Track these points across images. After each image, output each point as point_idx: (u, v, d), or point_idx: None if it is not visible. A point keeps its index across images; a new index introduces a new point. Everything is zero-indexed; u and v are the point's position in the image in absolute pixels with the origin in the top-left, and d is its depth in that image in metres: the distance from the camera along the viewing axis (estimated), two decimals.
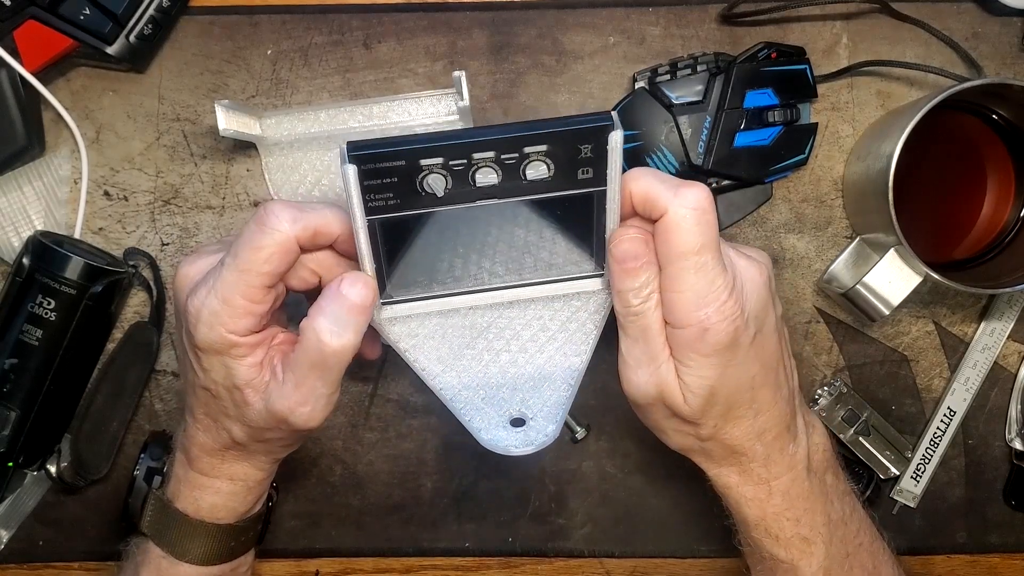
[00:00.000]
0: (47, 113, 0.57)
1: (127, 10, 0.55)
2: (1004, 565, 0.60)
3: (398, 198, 0.38)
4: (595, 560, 0.59)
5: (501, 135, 0.37)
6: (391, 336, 0.45)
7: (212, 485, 0.47)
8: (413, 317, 0.45)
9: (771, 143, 0.55)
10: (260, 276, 0.40)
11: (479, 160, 0.38)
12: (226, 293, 0.40)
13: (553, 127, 0.37)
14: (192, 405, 0.46)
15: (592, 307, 0.46)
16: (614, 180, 0.39)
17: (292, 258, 0.41)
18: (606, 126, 0.37)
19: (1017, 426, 0.59)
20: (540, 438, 0.42)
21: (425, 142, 0.37)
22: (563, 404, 0.44)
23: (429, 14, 0.58)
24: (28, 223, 0.57)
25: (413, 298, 0.44)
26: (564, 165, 0.38)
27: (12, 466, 0.54)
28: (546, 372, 0.45)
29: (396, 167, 0.37)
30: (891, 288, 0.52)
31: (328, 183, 0.57)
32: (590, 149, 0.38)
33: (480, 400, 0.44)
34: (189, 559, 0.47)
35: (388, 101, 0.57)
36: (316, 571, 0.59)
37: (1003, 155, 0.56)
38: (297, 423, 0.41)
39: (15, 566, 0.58)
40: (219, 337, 0.41)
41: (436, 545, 0.59)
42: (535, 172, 0.38)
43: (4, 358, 0.53)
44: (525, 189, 0.39)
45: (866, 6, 0.58)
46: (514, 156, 0.38)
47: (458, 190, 0.38)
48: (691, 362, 0.41)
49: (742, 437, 0.44)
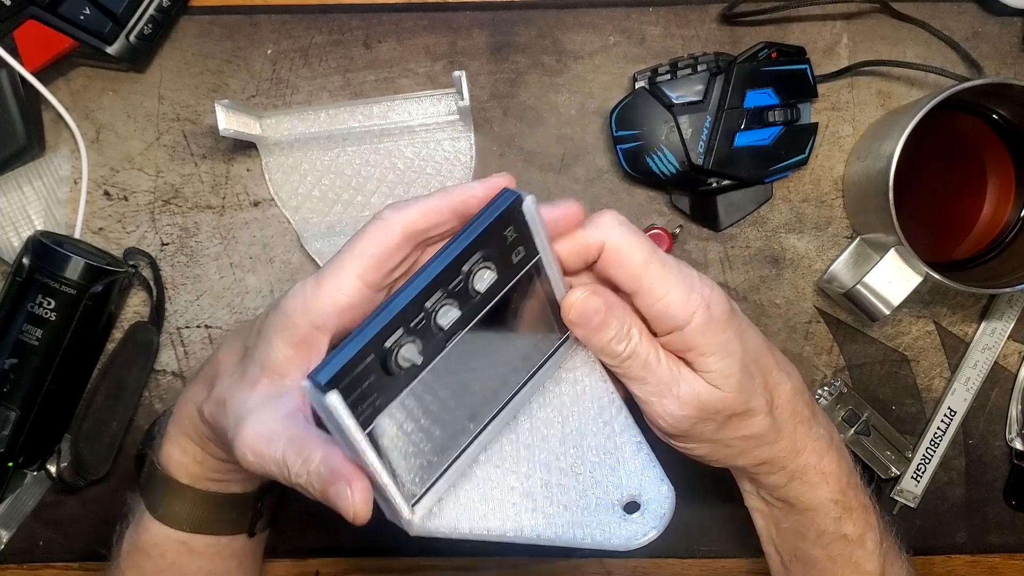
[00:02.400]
0: (47, 113, 0.57)
1: (127, 10, 0.55)
2: (1004, 565, 0.60)
3: (379, 392, 0.35)
4: (595, 560, 0.59)
5: (439, 268, 0.35)
6: (442, 531, 0.40)
7: (173, 434, 0.46)
8: (446, 498, 0.41)
9: (771, 143, 0.55)
10: (362, 259, 0.39)
11: (432, 304, 0.35)
12: (327, 271, 0.39)
13: (475, 232, 0.36)
14: (220, 347, 0.45)
15: (582, 360, 0.44)
16: (543, 244, 0.39)
17: (396, 248, 0.39)
18: (516, 200, 0.36)
19: (1017, 426, 0.59)
20: (664, 503, 0.41)
21: (379, 322, 0.34)
22: (647, 454, 0.42)
23: (429, 14, 0.58)
24: (28, 223, 0.57)
25: (434, 480, 0.40)
26: (501, 259, 0.37)
27: (12, 466, 0.54)
28: (602, 442, 0.42)
29: (368, 364, 0.33)
30: (891, 288, 0.52)
31: (328, 183, 0.57)
32: (513, 229, 0.37)
33: (579, 514, 0.41)
34: (158, 515, 0.46)
35: (388, 101, 0.57)
36: (316, 571, 0.59)
37: (1003, 155, 0.56)
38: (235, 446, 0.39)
39: (15, 566, 0.58)
40: (298, 309, 0.39)
41: (436, 545, 0.59)
42: (482, 282, 0.37)
43: (4, 358, 0.53)
44: (482, 302, 0.37)
45: (866, 6, 0.58)
46: (459, 279, 0.36)
47: (430, 345, 0.36)
48: (711, 348, 0.41)
49: (792, 401, 0.44)
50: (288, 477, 0.38)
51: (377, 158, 0.57)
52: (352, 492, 0.36)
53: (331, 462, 0.36)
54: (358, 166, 0.57)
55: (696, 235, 0.59)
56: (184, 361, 0.58)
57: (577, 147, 0.58)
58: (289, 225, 0.58)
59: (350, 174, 0.57)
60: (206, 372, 0.45)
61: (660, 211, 0.59)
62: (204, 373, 0.46)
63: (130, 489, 0.50)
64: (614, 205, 0.58)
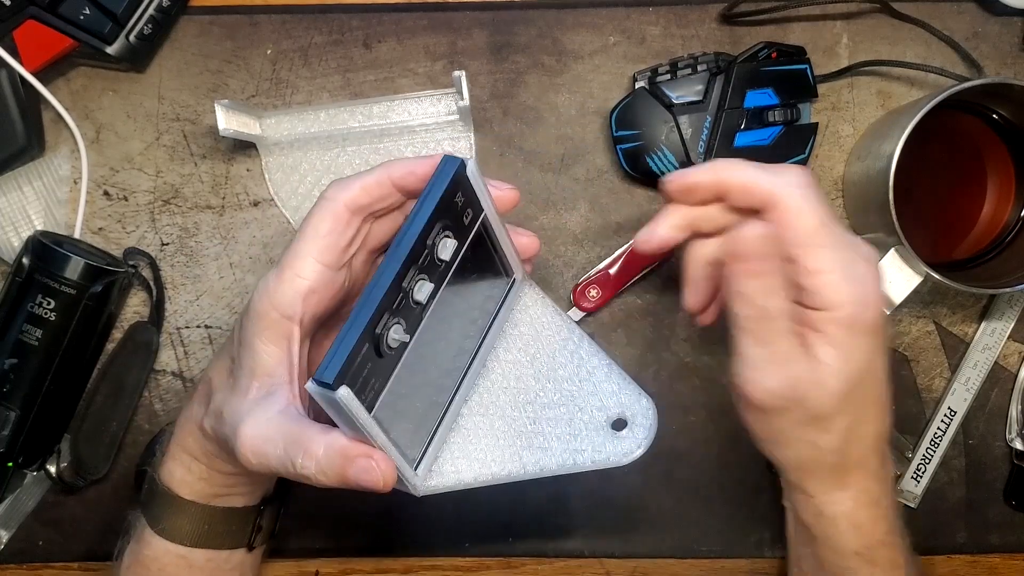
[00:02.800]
0: (47, 113, 0.57)
1: (127, 10, 0.55)
2: (1004, 565, 0.60)
3: (376, 376, 0.37)
4: (595, 560, 0.59)
5: (408, 247, 0.37)
6: (447, 485, 0.43)
7: (176, 453, 0.46)
8: (442, 455, 0.44)
9: (771, 143, 0.55)
10: (314, 242, 0.40)
11: (408, 283, 0.37)
12: (283, 262, 0.40)
13: (431, 204, 0.37)
14: (210, 365, 0.46)
15: (532, 300, 0.46)
16: (487, 201, 0.41)
17: (344, 226, 0.40)
18: (461, 166, 0.38)
19: (1018, 426, 0.59)
20: (648, 414, 0.43)
21: (367, 311, 0.35)
22: (620, 374, 0.44)
23: (429, 14, 0.58)
24: (28, 223, 0.57)
25: (428, 442, 0.43)
26: (455, 224, 0.39)
27: (12, 466, 0.54)
28: (574, 372, 0.44)
29: (365, 353, 0.35)
30: (891, 288, 0.52)
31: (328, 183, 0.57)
32: (461, 194, 0.39)
33: (572, 442, 0.43)
34: (159, 530, 0.46)
35: (388, 101, 0.57)
36: (316, 571, 0.59)
37: (1003, 155, 0.56)
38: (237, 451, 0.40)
39: (15, 566, 0.58)
40: (265, 305, 0.40)
41: (436, 545, 0.59)
42: (446, 250, 0.39)
43: (4, 358, 0.53)
44: (446, 269, 0.39)
45: (866, 6, 0.58)
46: (426, 253, 0.38)
47: (410, 321, 0.38)
48: (839, 346, 0.39)
49: (871, 443, 0.42)
50: (292, 470, 0.38)
51: (377, 158, 0.57)
52: (376, 463, 0.38)
53: (337, 447, 0.38)
54: (358, 166, 0.57)
55: None
56: (184, 361, 0.58)
57: (577, 147, 0.58)
58: (289, 225, 0.58)
59: (350, 174, 0.57)
60: (200, 391, 0.46)
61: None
62: (199, 392, 0.46)
63: (130, 504, 0.50)
64: (614, 205, 0.58)
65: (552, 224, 0.58)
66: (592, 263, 0.58)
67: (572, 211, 0.58)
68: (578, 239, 0.58)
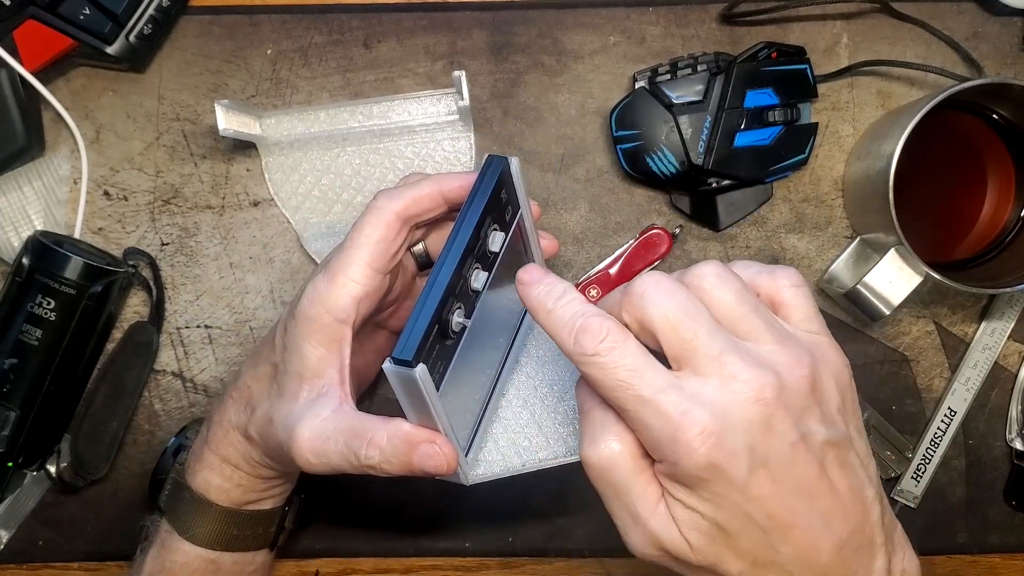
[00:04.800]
0: (47, 113, 0.57)
1: (127, 10, 0.55)
2: (1004, 565, 0.60)
3: (442, 359, 0.38)
4: (595, 560, 0.59)
5: (467, 237, 0.39)
6: (496, 472, 0.44)
7: (213, 462, 0.47)
8: (486, 445, 0.45)
9: (771, 143, 0.55)
10: (367, 249, 0.41)
11: (467, 270, 0.39)
12: (335, 267, 0.42)
13: (483, 199, 0.40)
14: (244, 372, 0.46)
15: None
16: (523, 199, 0.44)
17: (395, 234, 0.42)
18: (506, 164, 0.41)
19: (1018, 426, 0.59)
20: None
21: (436, 293, 0.37)
22: None
23: (429, 14, 0.58)
24: (28, 223, 0.57)
25: (474, 432, 0.44)
26: (500, 218, 0.42)
27: (12, 466, 0.54)
28: None
29: (433, 337, 0.37)
30: (891, 288, 0.52)
31: (328, 183, 0.57)
32: (504, 191, 0.42)
33: None
34: (188, 536, 0.47)
35: (388, 101, 0.57)
36: (316, 571, 0.59)
37: (1003, 155, 0.56)
38: (295, 454, 0.41)
39: (15, 566, 0.58)
40: (317, 309, 0.41)
41: (436, 545, 0.59)
42: (496, 243, 0.41)
43: (4, 358, 0.53)
44: (495, 260, 0.42)
45: (866, 6, 0.58)
46: (480, 244, 0.40)
47: (468, 307, 0.40)
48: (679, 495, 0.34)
49: (818, 562, 0.34)
50: (357, 463, 0.40)
51: (377, 158, 0.57)
52: (440, 447, 0.39)
53: (400, 434, 0.39)
54: (358, 166, 0.57)
55: (696, 235, 0.59)
56: (184, 361, 0.58)
57: (577, 147, 0.58)
58: (289, 225, 0.58)
59: (350, 174, 0.57)
60: (236, 398, 0.46)
61: (660, 211, 0.59)
62: (234, 400, 0.47)
63: (146, 510, 0.51)
64: (614, 205, 0.58)
65: (552, 224, 0.58)
66: (592, 263, 0.58)
67: (572, 211, 0.58)
68: (578, 239, 0.59)
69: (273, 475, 0.47)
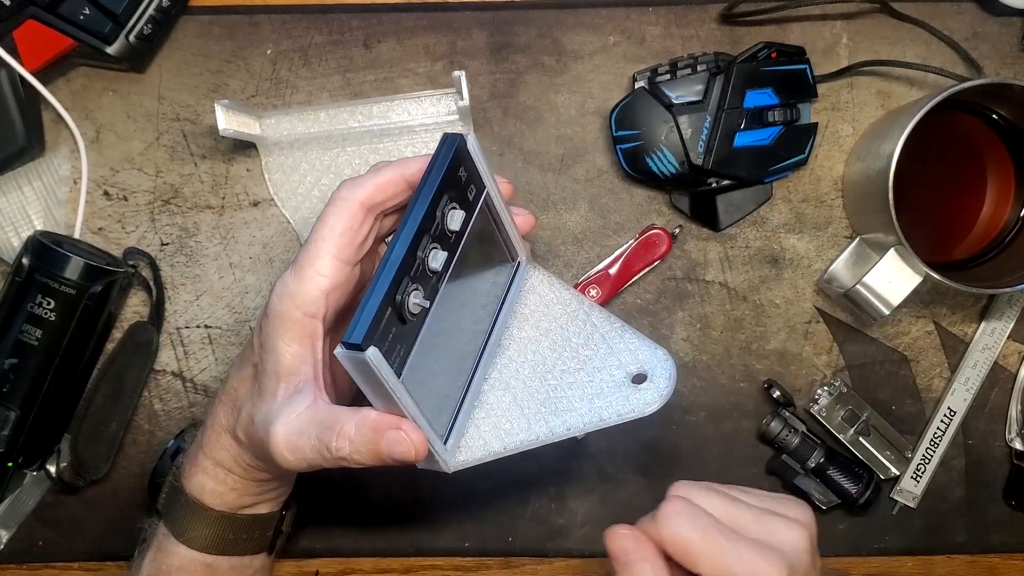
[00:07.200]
0: (47, 113, 0.57)
1: (127, 10, 0.55)
2: (1004, 565, 0.60)
3: (401, 342, 0.38)
4: (595, 560, 0.59)
5: (420, 216, 0.38)
6: (477, 457, 0.44)
7: (207, 465, 0.46)
8: (468, 431, 0.44)
9: (771, 143, 0.55)
10: (332, 240, 0.41)
11: (423, 251, 0.39)
12: (301, 262, 0.41)
13: (437, 176, 0.39)
14: (231, 375, 0.46)
15: (538, 280, 0.48)
16: (487, 176, 0.43)
17: (360, 223, 0.42)
18: (461, 140, 0.40)
19: (1017, 426, 0.59)
20: (666, 365, 0.43)
21: (387, 276, 0.37)
22: (633, 332, 0.45)
23: (429, 14, 0.58)
24: (28, 223, 0.57)
25: (453, 419, 0.43)
26: (460, 198, 0.41)
27: (12, 466, 0.54)
28: (587, 338, 0.45)
29: (388, 318, 0.37)
30: (891, 288, 0.52)
31: (328, 183, 0.57)
32: (463, 169, 0.41)
33: (596, 401, 0.44)
34: (185, 540, 0.47)
35: (388, 101, 0.57)
36: (316, 571, 0.59)
37: (1003, 155, 0.56)
38: (272, 451, 0.40)
39: (15, 566, 0.58)
40: (286, 305, 0.41)
41: (436, 545, 0.59)
42: (455, 221, 0.40)
43: (4, 358, 0.53)
44: (456, 241, 0.41)
45: (866, 6, 0.58)
46: (436, 223, 0.39)
47: (428, 288, 0.39)
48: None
49: None
50: (329, 456, 0.39)
51: (377, 158, 0.57)
52: (406, 432, 0.38)
53: (367, 423, 0.39)
54: (358, 166, 0.57)
55: (696, 235, 0.59)
56: (184, 361, 0.58)
57: (577, 147, 0.58)
58: (289, 225, 0.58)
59: (350, 174, 0.57)
60: (225, 402, 0.46)
61: (660, 211, 0.59)
62: (223, 403, 0.47)
63: (144, 513, 0.51)
64: (614, 205, 0.58)
65: (552, 224, 0.58)
66: (592, 263, 0.58)
67: (572, 211, 0.58)
68: (578, 239, 0.59)
69: (267, 478, 0.47)
